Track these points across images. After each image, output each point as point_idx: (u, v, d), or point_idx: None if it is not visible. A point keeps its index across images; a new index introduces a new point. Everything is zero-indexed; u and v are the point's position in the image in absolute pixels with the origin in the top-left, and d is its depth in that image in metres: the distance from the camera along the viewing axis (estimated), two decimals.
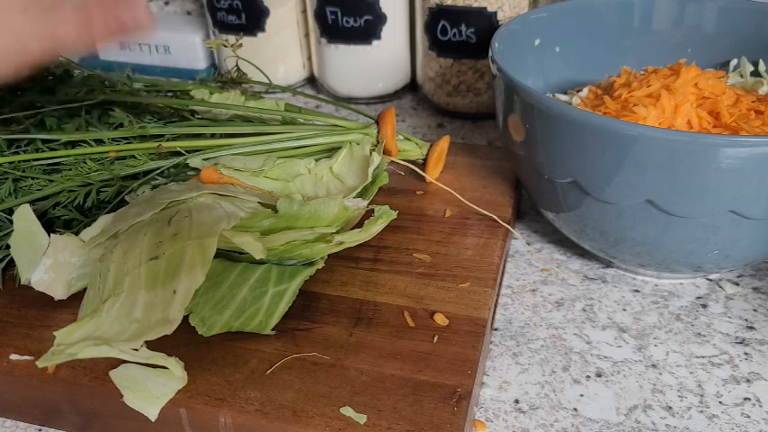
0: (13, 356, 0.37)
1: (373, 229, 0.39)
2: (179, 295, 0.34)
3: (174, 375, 0.34)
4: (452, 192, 0.49)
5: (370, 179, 0.43)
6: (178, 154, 0.45)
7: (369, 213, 0.40)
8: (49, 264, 0.39)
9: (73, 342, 0.33)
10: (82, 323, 0.34)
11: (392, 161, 0.50)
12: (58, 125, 0.45)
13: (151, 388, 0.34)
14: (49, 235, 0.40)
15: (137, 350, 0.33)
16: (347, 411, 0.33)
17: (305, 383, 0.35)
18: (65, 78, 0.47)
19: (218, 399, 0.34)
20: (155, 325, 0.33)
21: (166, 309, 0.34)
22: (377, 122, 0.49)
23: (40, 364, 0.32)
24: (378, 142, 0.48)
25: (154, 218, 0.39)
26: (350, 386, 0.35)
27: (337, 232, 0.39)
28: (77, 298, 0.40)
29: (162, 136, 0.47)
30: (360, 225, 0.40)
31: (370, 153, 0.45)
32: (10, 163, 0.43)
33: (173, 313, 0.33)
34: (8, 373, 0.36)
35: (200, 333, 0.36)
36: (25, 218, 0.40)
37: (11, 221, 0.40)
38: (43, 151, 0.44)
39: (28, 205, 0.40)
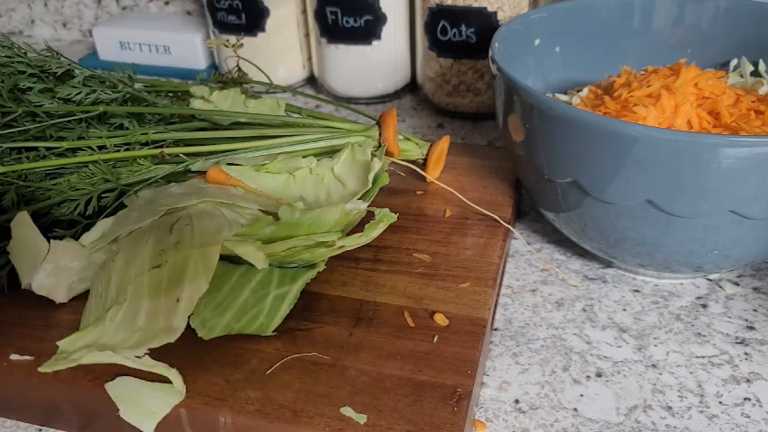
0: (14, 356, 0.37)
1: (373, 233, 0.39)
2: (182, 303, 0.34)
3: (172, 389, 0.34)
4: (453, 191, 0.49)
5: (370, 185, 0.43)
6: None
7: (369, 214, 0.40)
8: (49, 269, 0.39)
9: (76, 350, 0.33)
10: (85, 332, 0.34)
11: (393, 161, 0.50)
12: (58, 130, 0.45)
13: (148, 402, 0.34)
14: (49, 239, 0.40)
15: (139, 357, 0.33)
16: (347, 411, 0.33)
17: (305, 383, 0.35)
18: (65, 78, 0.47)
19: (219, 399, 0.34)
20: (158, 333, 0.33)
21: (170, 317, 0.34)
22: (378, 124, 0.49)
23: (42, 369, 0.32)
24: (379, 145, 0.48)
25: (154, 224, 0.38)
26: (350, 386, 0.35)
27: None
28: (77, 298, 0.40)
29: (164, 140, 0.47)
30: (360, 226, 0.40)
31: (372, 157, 0.45)
32: (13, 171, 0.43)
33: (176, 321, 0.33)
34: (8, 373, 0.36)
35: (200, 336, 0.36)
36: (23, 225, 0.40)
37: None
38: (46, 158, 0.44)
39: (26, 212, 0.40)
